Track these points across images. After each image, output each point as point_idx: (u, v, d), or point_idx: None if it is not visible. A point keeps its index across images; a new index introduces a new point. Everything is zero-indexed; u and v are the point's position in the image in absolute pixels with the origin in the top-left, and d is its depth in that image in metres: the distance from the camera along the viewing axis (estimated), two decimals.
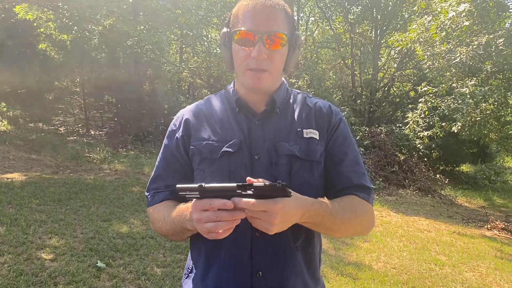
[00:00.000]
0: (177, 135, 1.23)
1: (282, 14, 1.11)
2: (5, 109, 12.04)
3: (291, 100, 1.25)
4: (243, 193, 0.90)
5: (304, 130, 1.18)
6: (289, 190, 0.89)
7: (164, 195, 1.23)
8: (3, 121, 11.89)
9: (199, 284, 1.18)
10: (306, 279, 1.18)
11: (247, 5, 1.10)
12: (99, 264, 3.62)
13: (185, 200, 0.96)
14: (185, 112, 1.26)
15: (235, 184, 0.89)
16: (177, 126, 1.25)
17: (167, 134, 1.28)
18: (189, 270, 1.25)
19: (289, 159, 1.14)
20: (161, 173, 1.25)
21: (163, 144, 1.28)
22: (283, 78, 1.27)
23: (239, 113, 1.20)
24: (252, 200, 0.88)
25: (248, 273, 1.12)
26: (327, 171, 1.21)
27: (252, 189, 0.89)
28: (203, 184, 0.90)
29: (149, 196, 1.26)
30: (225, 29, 1.17)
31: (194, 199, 0.94)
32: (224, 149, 1.13)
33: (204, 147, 1.16)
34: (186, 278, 1.25)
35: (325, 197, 1.23)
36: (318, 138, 1.18)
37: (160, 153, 1.28)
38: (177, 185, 0.92)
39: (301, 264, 1.17)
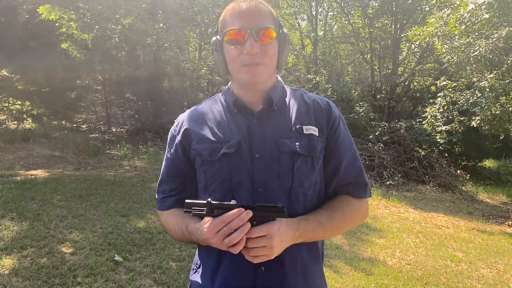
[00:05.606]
0: (176, 141, 1.28)
1: (268, 12, 1.15)
2: (29, 107, 12.39)
3: (288, 97, 1.27)
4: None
5: (303, 126, 1.19)
6: (285, 210, 1.03)
7: (170, 202, 1.30)
8: (28, 119, 12.24)
9: (208, 280, 1.22)
10: (308, 274, 1.21)
11: (233, 8, 1.15)
12: (117, 258, 3.74)
13: (190, 212, 1.04)
14: (184, 118, 1.30)
15: (240, 204, 1.01)
16: (177, 131, 1.29)
17: (168, 140, 1.33)
18: (197, 266, 1.29)
19: (291, 156, 1.16)
20: (164, 178, 1.32)
21: (166, 151, 1.35)
22: (278, 77, 1.29)
23: (237, 113, 1.22)
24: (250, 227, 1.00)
25: (252, 269, 1.15)
26: (327, 167, 1.24)
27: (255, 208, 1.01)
28: (210, 200, 1.01)
29: (158, 200, 1.34)
30: (214, 38, 1.21)
31: (207, 222, 1.03)
32: (223, 150, 1.16)
33: (204, 149, 1.20)
34: (195, 273, 1.29)
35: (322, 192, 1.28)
36: (317, 135, 1.20)
37: (164, 159, 1.34)
38: (186, 200, 1.02)
39: (304, 259, 1.20)
